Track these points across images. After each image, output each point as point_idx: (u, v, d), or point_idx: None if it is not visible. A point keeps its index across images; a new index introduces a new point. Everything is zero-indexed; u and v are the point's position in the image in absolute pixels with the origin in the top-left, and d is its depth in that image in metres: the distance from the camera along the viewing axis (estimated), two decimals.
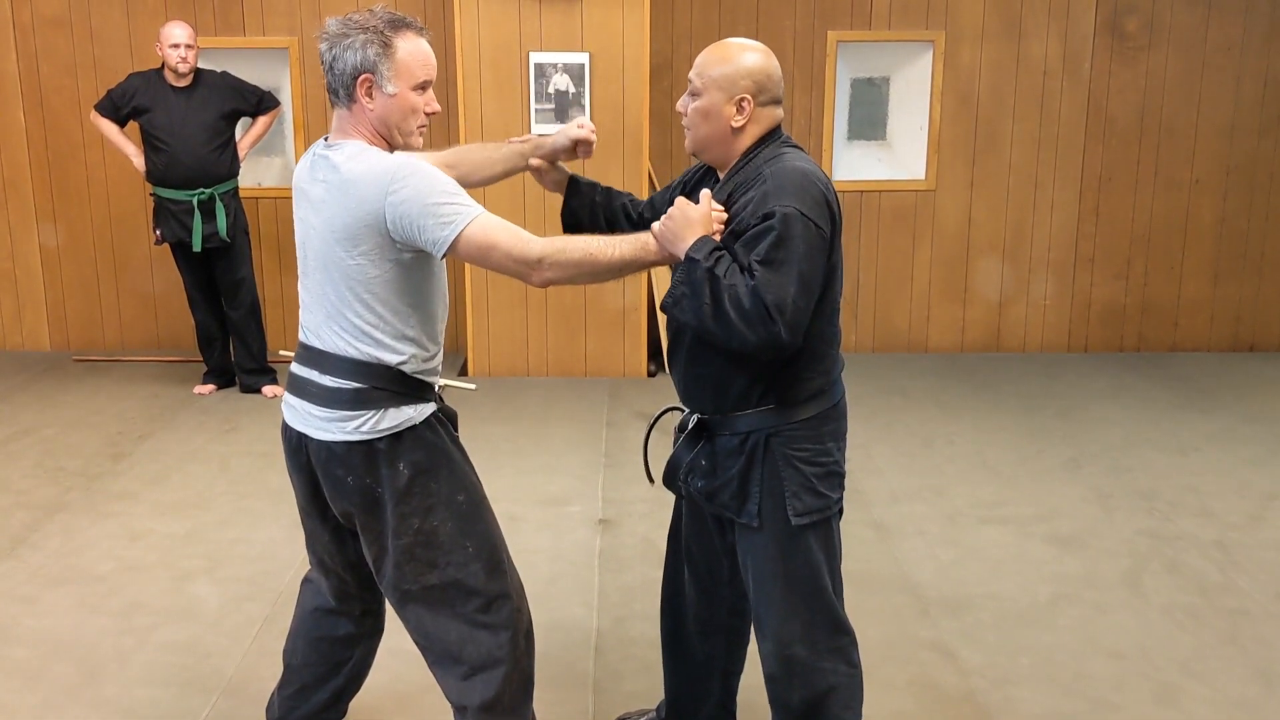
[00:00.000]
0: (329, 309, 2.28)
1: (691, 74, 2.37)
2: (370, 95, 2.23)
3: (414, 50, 2.24)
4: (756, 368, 2.30)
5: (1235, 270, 6.67)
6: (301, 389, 2.34)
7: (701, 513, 2.57)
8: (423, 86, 2.27)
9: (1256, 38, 6.40)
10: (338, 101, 2.27)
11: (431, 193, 2.17)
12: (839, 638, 2.45)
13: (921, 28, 6.37)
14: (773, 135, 2.37)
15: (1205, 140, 6.51)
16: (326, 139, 2.33)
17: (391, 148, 2.30)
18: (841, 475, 2.44)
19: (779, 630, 2.41)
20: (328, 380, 2.29)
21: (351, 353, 2.27)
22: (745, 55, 2.33)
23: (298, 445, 2.37)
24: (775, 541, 2.37)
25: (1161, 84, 6.45)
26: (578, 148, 2.66)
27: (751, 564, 2.43)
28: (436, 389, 2.41)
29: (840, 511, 2.46)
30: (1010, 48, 6.40)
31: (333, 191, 2.23)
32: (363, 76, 2.21)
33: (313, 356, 2.33)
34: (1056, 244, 6.63)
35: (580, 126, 2.64)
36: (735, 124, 2.33)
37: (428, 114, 2.30)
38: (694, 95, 2.35)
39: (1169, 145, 6.52)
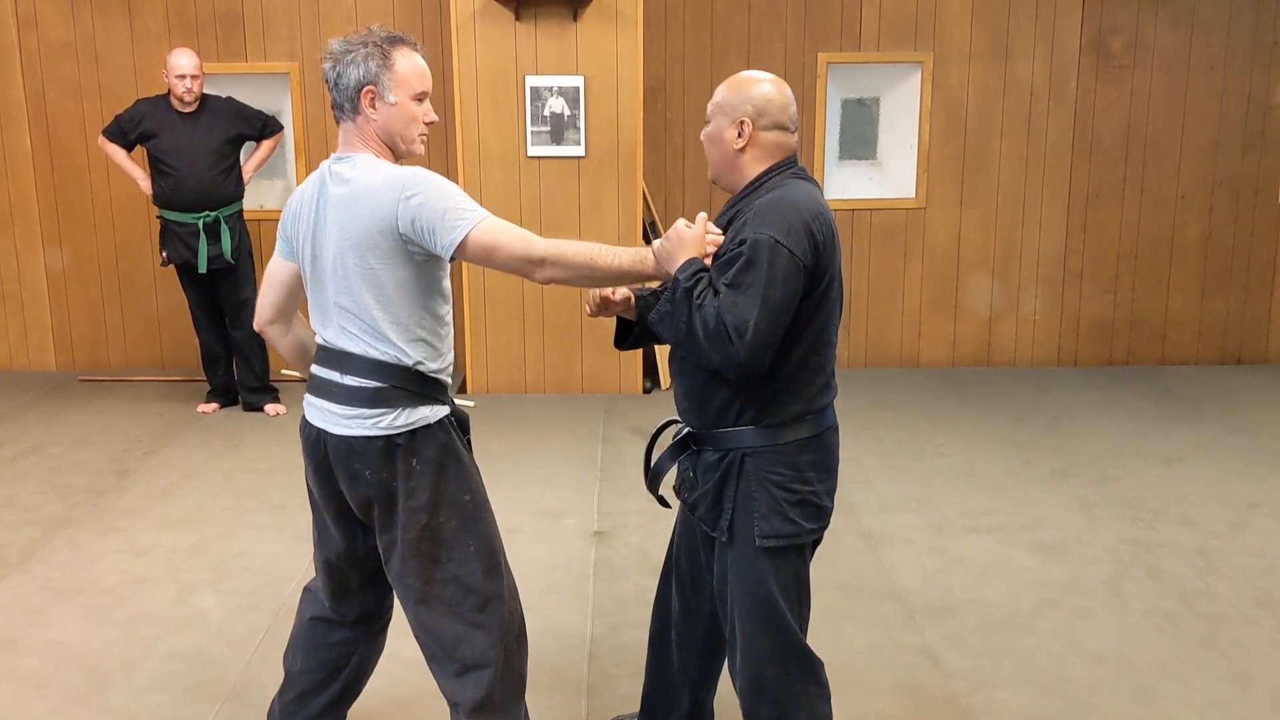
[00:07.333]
0: (346, 314, 2.41)
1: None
2: (374, 105, 2.40)
3: (410, 64, 2.41)
4: (735, 384, 2.36)
5: (1221, 284, 6.77)
6: (321, 389, 2.47)
7: (694, 525, 2.64)
8: (420, 97, 2.44)
9: (1239, 56, 6.52)
10: (343, 116, 2.44)
11: (443, 198, 2.32)
12: (808, 659, 2.49)
13: (910, 49, 6.49)
14: (784, 165, 2.42)
15: (1190, 157, 6.63)
16: (336, 155, 2.47)
17: (396, 155, 2.46)
18: (819, 507, 2.43)
19: (747, 648, 2.46)
20: (349, 380, 2.42)
21: (373, 354, 2.40)
22: (752, 83, 2.41)
23: (316, 441, 2.49)
24: (743, 560, 2.42)
25: (1146, 102, 6.57)
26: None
27: (727, 579, 2.48)
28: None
29: (815, 544, 2.49)
30: (997, 68, 6.52)
31: (347, 201, 2.37)
32: (366, 88, 2.38)
33: (333, 358, 2.45)
34: (1045, 260, 6.73)
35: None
36: (736, 146, 2.40)
37: (426, 123, 2.47)
38: (705, 124, 2.48)
39: (1155, 162, 6.63)
